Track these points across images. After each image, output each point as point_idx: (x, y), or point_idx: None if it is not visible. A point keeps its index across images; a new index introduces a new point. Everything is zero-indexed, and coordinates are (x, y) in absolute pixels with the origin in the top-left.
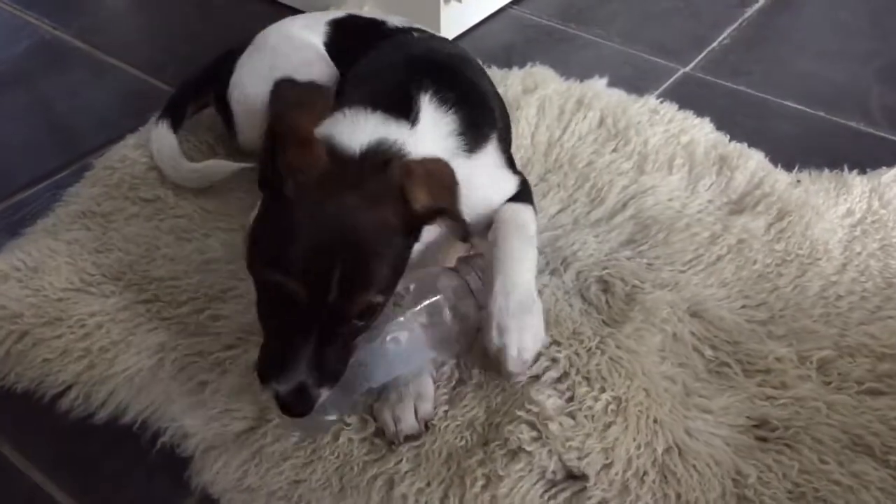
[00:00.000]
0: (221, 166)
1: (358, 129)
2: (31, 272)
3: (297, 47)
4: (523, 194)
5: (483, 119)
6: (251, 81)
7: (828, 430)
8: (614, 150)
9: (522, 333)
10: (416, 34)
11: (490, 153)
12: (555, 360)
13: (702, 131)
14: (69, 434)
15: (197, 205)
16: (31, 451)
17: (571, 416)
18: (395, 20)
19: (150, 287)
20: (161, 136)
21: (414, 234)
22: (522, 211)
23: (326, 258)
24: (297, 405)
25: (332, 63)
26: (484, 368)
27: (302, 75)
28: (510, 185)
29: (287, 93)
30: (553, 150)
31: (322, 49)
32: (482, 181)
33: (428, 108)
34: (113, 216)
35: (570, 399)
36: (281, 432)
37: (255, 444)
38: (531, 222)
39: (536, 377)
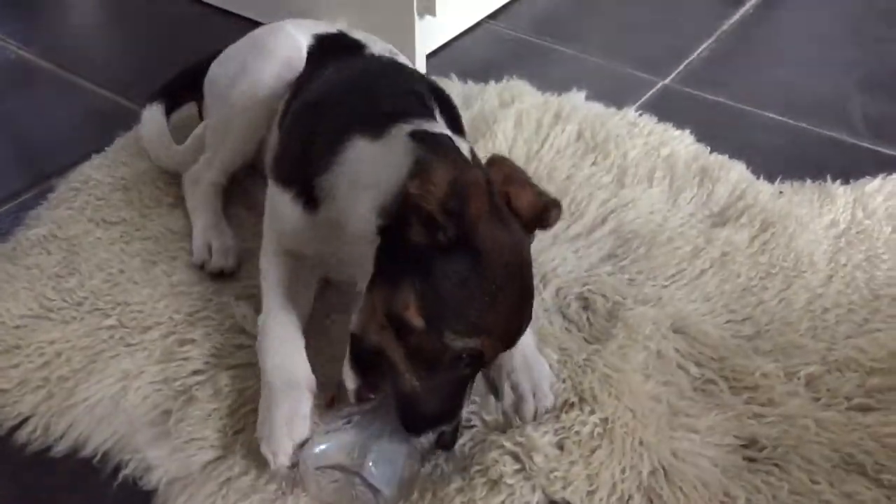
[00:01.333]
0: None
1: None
2: None
3: (283, 44)
4: None
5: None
6: (224, 62)
7: (818, 448)
8: (593, 164)
9: (537, 384)
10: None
11: None
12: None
13: (682, 143)
14: (26, 468)
15: (163, 225)
16: None
17: (559, 445)
18: (378, 47)
19: (114, 312)
20: (152, 118)
21: None
22: None
23: (525, 312)
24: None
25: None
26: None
27: (275, 72)
28: None
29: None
30: (531, 164)
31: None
32: None
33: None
34: (76, 240)
35: (559, 425)
36: (248, 464)
37: (222, 475)
38: None
39: None
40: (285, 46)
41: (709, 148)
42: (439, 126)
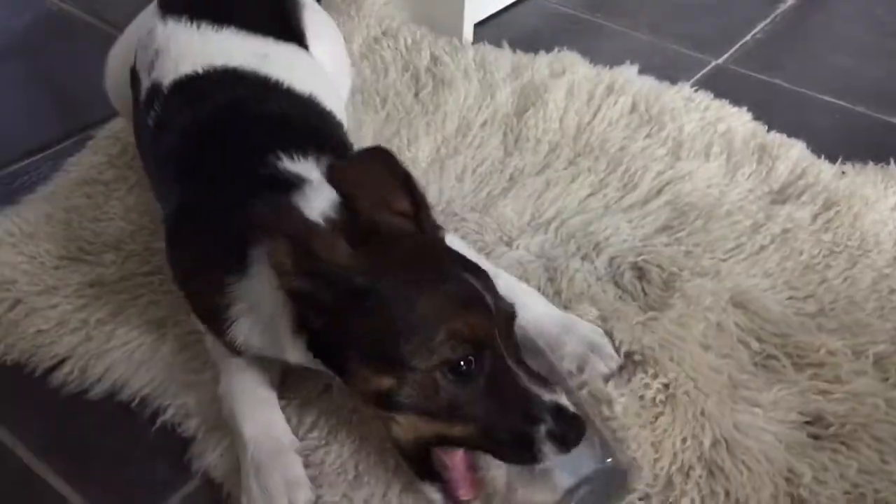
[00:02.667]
0: None
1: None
2: (26, 238)
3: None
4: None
5: None
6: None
7: (889, 428)
8: (648, 136)
9: (596, 347)
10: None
11: None
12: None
13: (740, 120)
14: (62, 411)
15: None
16: (20, 428)
17: (625, 406)
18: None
19: (153, 258)
20: None
21: None
22: (458, 242)
23: (459, 275)
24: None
25: None
26: None
27: None
28: None
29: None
30: (583, 135)
31: None
32: None
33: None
34: (115, 185)
35: (624, 389)
36: (289, 415)
37: None
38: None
39: None
40: None
41: (766, 126)
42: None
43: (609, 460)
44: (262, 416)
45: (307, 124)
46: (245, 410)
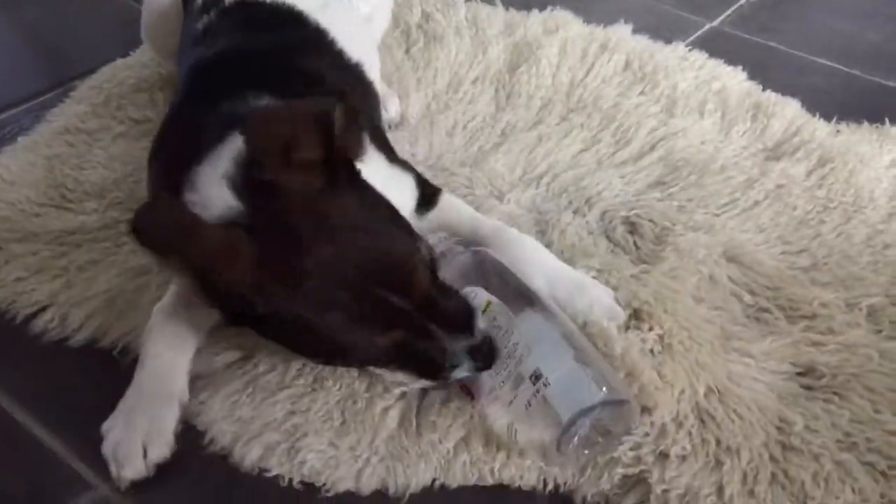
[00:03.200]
0: None
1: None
2: (6, 185)
3: None
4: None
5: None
6: None
7: (881, 378)
8: (641, 93)
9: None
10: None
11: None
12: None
13: (735, 79)
14: (42, 358)
15: None
16: (0, 376)
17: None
18: None
19: (136, 206)
20: None
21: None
22: (458, 202)
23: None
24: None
25: None
26: None
27: None
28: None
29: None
30: (576, 91)
31: None
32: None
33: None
34: (98, 134)
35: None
36: (275, 361)
37: (247, 374)
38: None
39: None
40: None
41: (761, 87)
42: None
43: (605, 391)
44: (166, 356)
45: (311, 67)
46: (155, 344)
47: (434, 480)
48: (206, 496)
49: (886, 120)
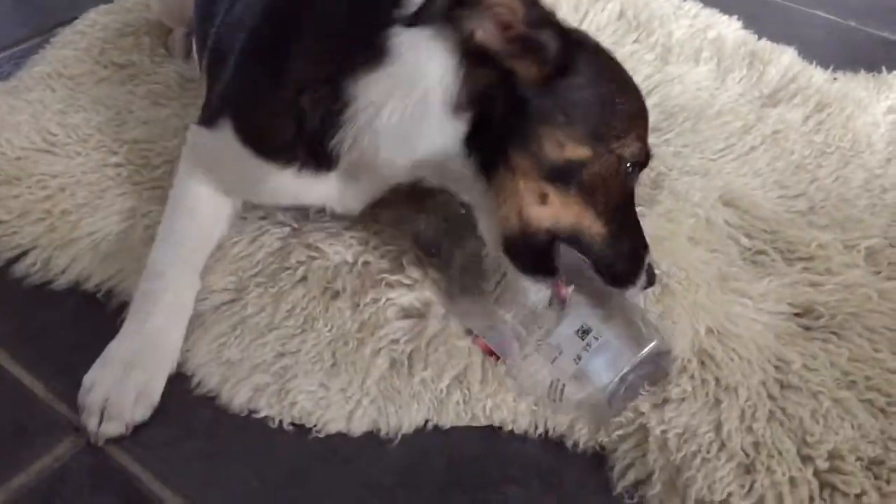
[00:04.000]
0: None
1: None
2: None
3: None
4: None
5: None
6: None
7: (880, 318)
8: (636, 42)
9: None
10: None
11: None
12: None
13: (730, 28)
14: (25, 302)
15: (175, 72)
16: None
17: None
18: None
19: (121, 150)
20: None
21: None
22: None
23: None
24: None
25: None
26: None
27: None
28: None
29: None
30: None
31: None
32: None
33: None
34: (81, 78)
35: None
36: (264, 302)
37: (235, 315)
38: None
39: None
40: None
41: (756, 36)
42: None
43: (656, 341)
44: (165, 320)
45: None
46: (156, 304)
47: (427, 421)
48: (193, 438)
49: (883, 68)
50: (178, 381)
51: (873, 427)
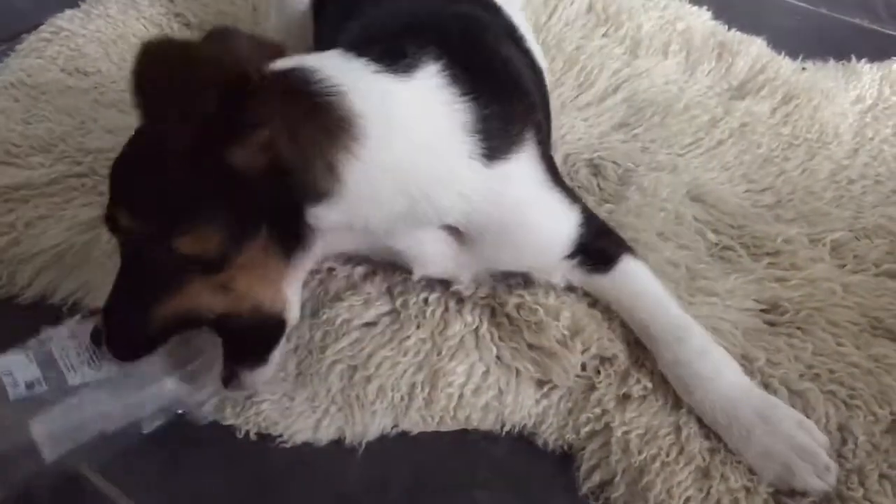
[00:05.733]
0: None
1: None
2: None
3: None
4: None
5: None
6: None
7: (844, 312)
8: (605, 35)
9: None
10: None
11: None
12: None
13: (699, 19)
14: None
15: None
16: None
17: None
18: None
19: (86, 159)
20: None
21: None
22: (643, 276)
23: None
24: None
25: None
26: None
27: None
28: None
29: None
30: (539, 35)
31: None
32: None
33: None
34: (46, 87)
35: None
36: None
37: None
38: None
39: None
40: None
41: (727, 26)
42: None
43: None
44: None
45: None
46: None
47: (394, 427)
48: (160, 448)
49: (853, 57)
50: None
51: (832, 420)
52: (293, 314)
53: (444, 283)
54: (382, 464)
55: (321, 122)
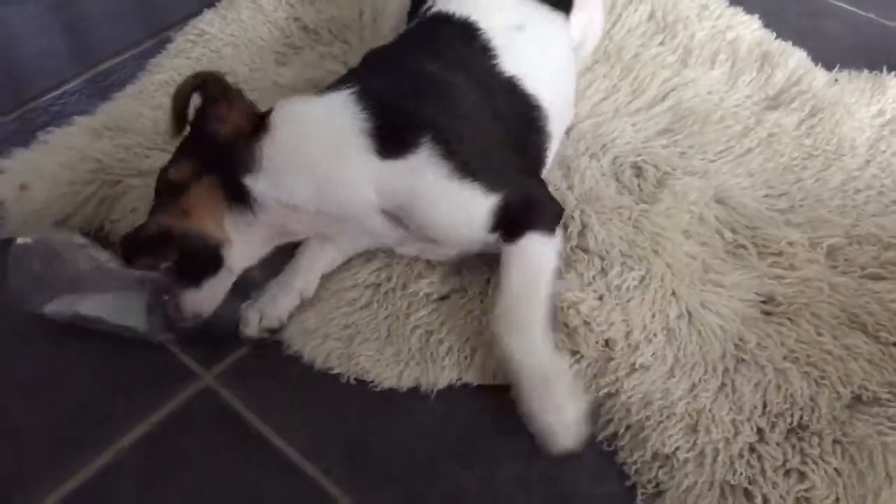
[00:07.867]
0: None
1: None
2: (121, 132)
3: None
4: (522, 212)
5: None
6: None
7: (828, 307)
8: (661, 44)
9: (559, 408)
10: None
11: (427, 160)
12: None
13: (749, 28)
14: None
15: (271, 80)
16: None
17: (599, 297)
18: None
19: None
20: None
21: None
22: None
23: None
24: None
25: None
26: None
27: None
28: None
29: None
30: (602, 42)
31: None
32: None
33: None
34: None
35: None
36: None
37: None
38: (546, 269)
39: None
40: None
41: (775, 33)
42: None
43: None
44: (306, 258)
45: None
46: (305, 247)
47: (458, 379)
48: (285, 387)
49: (884, 68)
50: (274, 347)
51: (804, 393)
52: (236, 262)
53: None
54: (448, 406)
55: (252, 121)
